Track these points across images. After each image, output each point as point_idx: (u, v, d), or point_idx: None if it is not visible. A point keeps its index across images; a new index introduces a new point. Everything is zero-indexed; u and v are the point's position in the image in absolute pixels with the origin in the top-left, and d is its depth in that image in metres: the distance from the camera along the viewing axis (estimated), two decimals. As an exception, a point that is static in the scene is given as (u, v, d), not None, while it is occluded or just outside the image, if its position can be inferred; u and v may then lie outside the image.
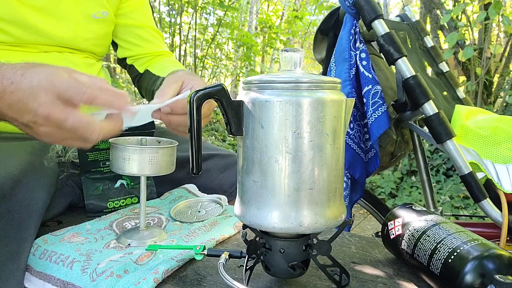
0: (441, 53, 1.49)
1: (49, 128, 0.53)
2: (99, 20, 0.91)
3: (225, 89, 0.49)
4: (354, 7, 1.14)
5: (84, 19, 0.88)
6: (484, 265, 0.47)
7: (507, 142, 1.01)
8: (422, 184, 1.33)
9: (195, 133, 0.49)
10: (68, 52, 0.88)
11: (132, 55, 1.04)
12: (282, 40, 7.34)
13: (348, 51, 1.15)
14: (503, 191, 0.98)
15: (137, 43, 1.03)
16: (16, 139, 0.77)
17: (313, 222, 0.48)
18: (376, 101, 1.12)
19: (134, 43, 1.03)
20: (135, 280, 0.54)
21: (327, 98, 0.47)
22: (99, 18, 0.90)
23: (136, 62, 1.05)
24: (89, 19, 0.89)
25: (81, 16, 0.88)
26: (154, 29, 1.06)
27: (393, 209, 0.64)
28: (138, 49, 1.03)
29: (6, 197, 0.61)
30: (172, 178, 0.89)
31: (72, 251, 0.63)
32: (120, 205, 0.84)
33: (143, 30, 1.03)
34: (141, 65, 1.04)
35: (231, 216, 0.80)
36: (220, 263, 0.52)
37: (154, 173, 0.66)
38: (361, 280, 0.57)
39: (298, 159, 0.47)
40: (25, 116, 0.53)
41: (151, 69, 1.00)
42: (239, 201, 0.52)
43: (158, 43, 1.06)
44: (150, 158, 0.64)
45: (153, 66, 1.01)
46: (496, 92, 4.16)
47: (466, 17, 3.92)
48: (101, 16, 0.91)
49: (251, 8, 7.54)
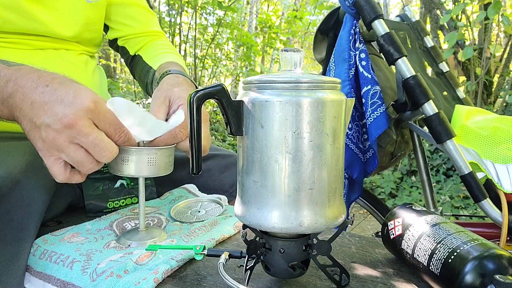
0: (441, 53, 1.49)
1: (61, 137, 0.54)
2: (93, 4, 0.89)
3: (225, 89, 0.49)
4: (354, 7, 1.14)
5: (78, 4, 0.87)
6: (484, 265, 0.47)
7: (507, 142, 1.01)
8: (422, 184, 1.33)
9: (195, 133, 0.49)
10: (64, 49, 0.87)
11: (122, 36, 1.02)
12: (282, 40, 7.34)
13: (348, 51, 1.15)
14: (503, 191, 0.98)
15: (128, 23, 1.01)
16: (15, 139, 0.77)
17: (313, 222, 0.48)
18: (375, 101, 1.12)
19: (124, 23, 1.01)
20: (135, 280, 0.54)
21: (327, 98, 0.47)
22: (92, 2, 0.89)
23: (127, 43, 1.03)
24: (84, 5, 0.88)
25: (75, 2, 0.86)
26: (146, 8, 1.04)
27: (393, 209, 0.64)
28: (129, 29, 1.02)
29: (6, 198, 0.61)
30: (172, 178, 0.89)
31: (72, 251, 0.62)
32: (120, 205, 0.84)
33: (134, 9, 1.01)
34: (132, 46, 1.02)
35: (231, 216, 0.80)
36: (220, 263, 0.52)
37: (153, 174, 0.65)
38: (361, 280, 0.57)
39: (298, 159, 0.47)
40: (44, 117, 0.54)
41: (142, 55, 0.99)
42: (239, 201, 0.52)
43: (150, 23, 1.04)
44: (149, 159, 0.63)
45: (145, 51, 1.00)
46: (496, 92, 4.16)
47: (466, 17, 3.92)
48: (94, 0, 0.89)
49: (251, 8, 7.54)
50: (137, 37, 1.02)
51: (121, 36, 1.03)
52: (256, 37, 6.91)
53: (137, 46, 1.02)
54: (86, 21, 0.90)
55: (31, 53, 0.82)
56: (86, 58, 0.95)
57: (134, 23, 1.01)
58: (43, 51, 0.84)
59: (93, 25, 0.93)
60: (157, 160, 0.64)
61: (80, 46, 0.93)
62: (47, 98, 0.54)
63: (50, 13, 0.83)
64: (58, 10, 0.84)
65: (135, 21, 1.01)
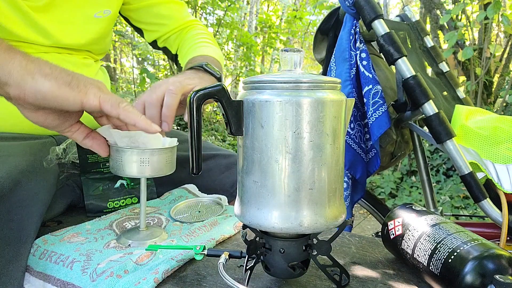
0: (441, 53, 1.49)
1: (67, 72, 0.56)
2: (101, 19, 0.89)
3: (225, 89, 0.49)
4: (354, 7, 1.14)
5: (85, 20, 0.87)
6: (484, 265, 0.47)
7: (507, 142, 1.01)
8: (422, 184, 1.33)
9: (195, 133, 0.49)
10: (67, 53, 0.88)
11: (159, 36, 1.02)
12: (282, 40, 7.34)
13: (348, 51, 1.15)
14: (503, 191, 0.98)
15: (161, 22, 1.00)
16: (15, 139, 0.77)
17: (313, 222, 0.48)
18: (377, 101, 1.12)
19: (157, 23, 1.01)
20: (135, 280, 0.54)
21: (327, 98, 0.47)
22: (100, 17, 0.89)
23: (167, 42, 1.03)
24: (91, 20, 0.88)
25: (83, 18, 0.86)
26: (173, 1, 1.03)
27: (393, 209, 0.64)
28: (163, 28, 1.01)
29: (6, 198, 0.61)
30: (173, 178, 0.89)
31: (72, 251, 0.62)
32: (120, 205, 0.84)
33: (162, 7, 1.00)
34: (172, 45, 1.02)
35: (231, 216, 0.80)
36: (220, 263, 0.52)
37: (154, 174, 0.65)
38: (361, 280, 0.57)
39: (298, 159, 0.47)
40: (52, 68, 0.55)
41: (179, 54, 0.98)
42: (239, 201, 0.52)
43: (181, 15, 1.03)
44: (150, 160, 0.63)
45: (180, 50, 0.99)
46: (496, 92, 4.15)
47: (466, 17, 3.92)
48: (103, 15, 0.89)
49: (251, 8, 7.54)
50: (173, 33, 1.02)
51: (158, 37, 1.03)
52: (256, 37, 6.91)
53: (176, 44, 1.02)
54: (94, 36, 0.90)
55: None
56: (90, 62, 0.95)
57: (166, 21, 1.01)
58: (47, 54, 0.84)
59: (100, 39, 0.93)
60: (159, 160, 0.64)
61: (86, 52, 0.93)
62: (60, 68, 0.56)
63: (58, 26, 0.83)
64: (66, 24, 0.84)
65: (166, 18, 1.01)
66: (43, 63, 0.55)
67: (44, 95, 0.53)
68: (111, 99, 0.56)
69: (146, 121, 0.56)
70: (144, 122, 0.56)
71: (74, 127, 0.62)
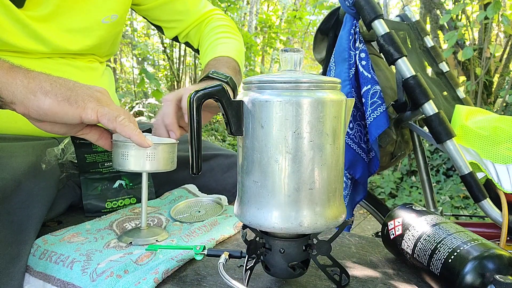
0: (441, 53, 1.49)
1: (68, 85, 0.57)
2: (108, 24, 0.88)
3: (225, 89, 0.49)
4: (354, 7, 1.14)
5: (92, 26, 0.86)
6: (484, 265, 0.47)
7: (507, 142, 1.01)
8: (422, 184, 1.33)
9: (195, 133, 0.49)
10: (71, 57, 0.87)
11: (179, 32, 1.02)
12: (282, 40, 7.34)
13: (348, 51, 1.15)
14: (503, 191, 0.98)
15: (179, 18, 1.00)
16: (17, 140, 0.77)
17: (313, 222, 0.48)
18: (375, 101, 1.12)
19: (173, 19, 1.00)
20: (135, 280, 0.54)
21: (327, 98, 0.47)
22: (108, 22, 0.88)
23: (187, 37, 1.03)
24: (98, 25, 0.87)
25: (90, 24, 0.85)
26: None
27: (393, 209, 0.64)
28: (182, 23, 1.01)
29: (7, 199, 0.61)
30: (174, 178, 0.89)
31: (72, 251, 0.62)
32: (118, 206, 0.84)
33: (177, 3, 1.00)
34: (193, 40, 1.03)
35: (231, 216, 0.80)
36: (220, 263, 0.52)
37: (154, 169, 0.66)
38: (361, 280, 0.57)
39: (298, 159, 0.47)
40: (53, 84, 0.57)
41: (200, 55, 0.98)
42: (239, 201, 0.52)
43: (196, 8, 1.02)
44: (149, 154, 0.64)
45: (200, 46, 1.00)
46: (496, 92, 4.15)
47: (466, 17, 3.92)
48: (110, 20, 0.88)
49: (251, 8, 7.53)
50: (192, 28, 1.01)
51: (179, 33, 1.03)
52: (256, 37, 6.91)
53: (196, 39, 1.02)
54: (100, 41, 0.89)
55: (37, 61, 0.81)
56: (96, 65, 0.94)
57: (183, 16, 1.00)
58: (50, 59, 0.83)
59: (107, 43, 0.93)
60: (158, 155, 0.65)
61: (91, 56, 0.92)
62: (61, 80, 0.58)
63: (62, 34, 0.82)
64: (71, 32, 0.83)
65: (183, 14, 1.00)
66: (43, 79, 0.57)
67: (46, 111, 0.56)
68: (108, 113, 0.57)
69: (140, 136, 0.59)
70: (137, 137, 0.59)
71: (85, 131, 0.64)
